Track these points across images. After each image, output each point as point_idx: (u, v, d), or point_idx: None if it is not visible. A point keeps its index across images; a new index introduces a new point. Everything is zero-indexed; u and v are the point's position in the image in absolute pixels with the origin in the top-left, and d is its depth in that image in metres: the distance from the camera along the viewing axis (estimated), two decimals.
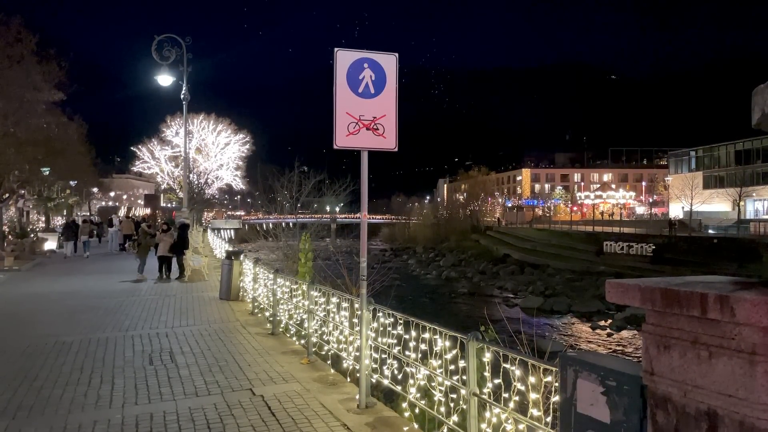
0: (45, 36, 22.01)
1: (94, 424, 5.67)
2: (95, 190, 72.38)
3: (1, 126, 19.65)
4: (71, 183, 50.65)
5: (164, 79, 21.06)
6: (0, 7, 17.68)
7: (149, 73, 21.37)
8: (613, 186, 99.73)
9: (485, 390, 4.11)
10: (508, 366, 3.84)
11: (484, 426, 4.11)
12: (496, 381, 4.00)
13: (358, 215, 6.41)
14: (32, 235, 34.47)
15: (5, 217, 33.51)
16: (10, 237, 30.96)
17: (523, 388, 3.73)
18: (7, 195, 28.84)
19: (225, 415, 5.88)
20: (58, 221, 53.21)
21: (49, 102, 28.18)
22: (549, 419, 3.50)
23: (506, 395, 3.88)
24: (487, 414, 4.07)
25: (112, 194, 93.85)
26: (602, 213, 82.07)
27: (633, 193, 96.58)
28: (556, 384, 3.30)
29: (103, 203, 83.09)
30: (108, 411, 6.10)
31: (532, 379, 3.62)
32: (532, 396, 3.61)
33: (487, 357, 4.06)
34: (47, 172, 33.76)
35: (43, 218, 54.24)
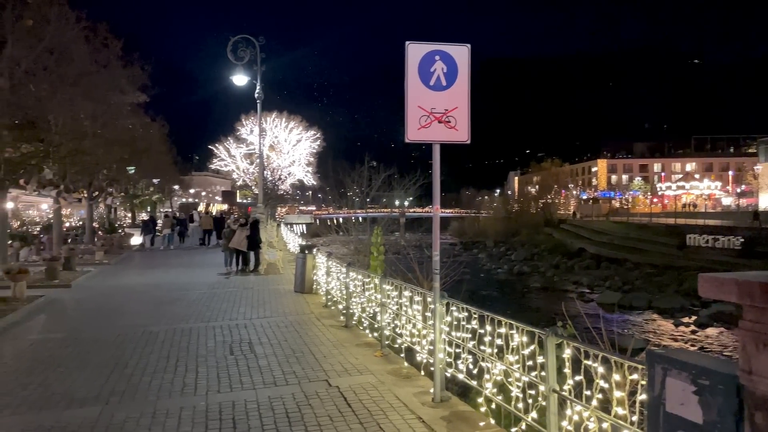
0: (128, 41, 23.09)
1: (180, 410, 5.94)
2: (176, 187, 75.72)
3: (91, 127, 20.81)
4: (154, 181, 53.21)
5: (239, 79, 21.76)
6: (87, 15, 18.69)
7: (225, 73, 22.14)
8: (697, 176, 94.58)
9: (565, 387, 4.00)
10: (589, 363, 3.73)
11: (564, 423, 4.00)
12: (577, 378, 3.88)
13: (427, 209, 6.37)
14: (120, 231, 36.55)
15: (95, 213, 35.64)
16: (100, 233, 32.93)
17: (606, 385, 3.61)
18: (96, 193, 30.58)
19: (303, 405, 6.02)
20: (144, 217, 56.13)
21: (134, 104, 29.67)
22: (635, 418, 3.37)
23: (588, 393, 3.76)
24: (568, 411, 3.97)
25: (191, 191, 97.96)
26: (685, 205, 78.32)
27: (719, 184, 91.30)
28: (643, 382, 3.18)
29: (184, 200, 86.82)
30: (193, 398, 6.38)
31: (616, 377, 3.49)
32: (617, 394, 3.48)
33: (567, 353, 3.96)
34: (132, 171, 35.59)
35: (130, 215, 57.36)
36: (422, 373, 6.96)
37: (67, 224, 35.39)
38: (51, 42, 16.34)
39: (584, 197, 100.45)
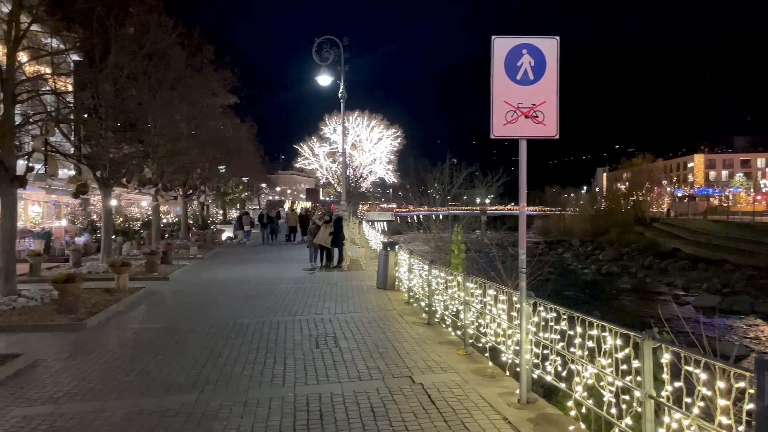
0: (219, 44, 24.22)
1: (270, 400, 6.16)
2: (263, 185, 78.53)
3: (186, 128, 22.00)
4: (243, 179, 55.37)
5: (323, 80, 22.21)
6: (183, 22, 19.75)
7: (310, 73, 22.65)
8: None
9: (663, 393, 3.80)
10: (690, 369, 3.52)
11: (661, 431, 3.81)
12: (677, 384, 3.68)
13: (510, 207, 6.24)
14: (212, 227, 38.34)
15: (189, 210, 37.57)
16: (194, 228, 34.68)
17: (709, 393, 3.40)
18: (191, 191, 32.24)
19: (387, 400, 6.07)
20: (233, 214, 58.61)
21: (224, 106, 31.05)
22: (741, 428, 3.16)
23: (688, 400, 3.56)
24: (666, 419, 3.77)
25: (278, 189, 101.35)
26: None
27: None
28: (751, 391, 2.98)
29: (270, 197, 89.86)
30: (281, 389, 6.59)
31: (719, 384, 3.28)
32: (721, 402, 3.27)
33: (666, 358, 3.76)
34: (223, 170, 37.21)
35: (221, 211, 60.02)
36: (507, 373, 6.84)
37: (165, 220, 37.51)
38: (150, 48, 17.36)
39: (679, 194, 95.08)
